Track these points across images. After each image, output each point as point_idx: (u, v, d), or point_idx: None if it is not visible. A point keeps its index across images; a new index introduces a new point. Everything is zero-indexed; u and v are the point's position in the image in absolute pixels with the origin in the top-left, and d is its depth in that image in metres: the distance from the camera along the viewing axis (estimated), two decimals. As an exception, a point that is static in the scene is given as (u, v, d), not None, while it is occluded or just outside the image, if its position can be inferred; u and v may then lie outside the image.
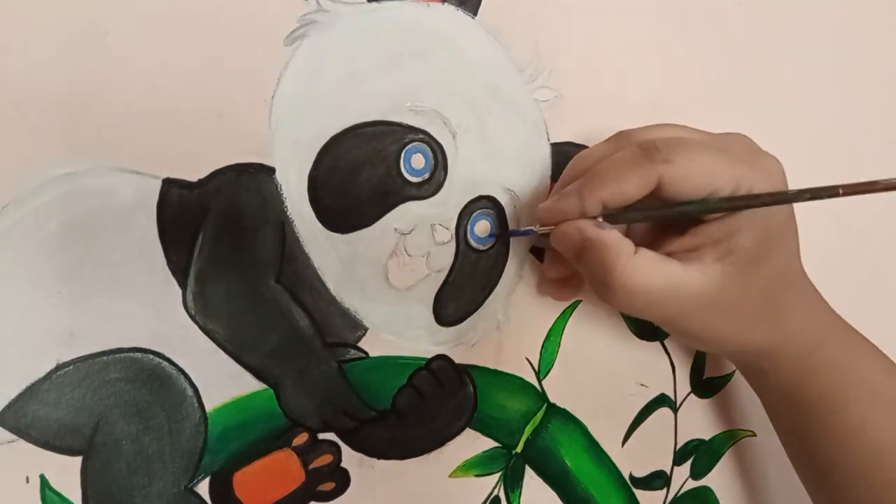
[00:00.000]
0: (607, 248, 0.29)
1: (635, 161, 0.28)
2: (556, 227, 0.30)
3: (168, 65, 0.29)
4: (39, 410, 0.28)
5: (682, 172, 0.28)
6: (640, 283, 0.29)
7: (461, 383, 0.35)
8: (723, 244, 0.29)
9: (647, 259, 0.29)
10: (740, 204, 0.28)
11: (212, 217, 0.30)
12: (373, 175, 0.32)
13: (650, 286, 0.29)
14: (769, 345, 0.33)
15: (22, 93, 0.27)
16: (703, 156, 0.28)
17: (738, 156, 0.29)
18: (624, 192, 0.28)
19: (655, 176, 0.28)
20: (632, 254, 0.29)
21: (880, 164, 0.45)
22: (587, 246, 0.29)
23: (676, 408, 0.40)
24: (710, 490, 0.42)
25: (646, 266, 0.29)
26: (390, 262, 0.33)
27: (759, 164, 0.29)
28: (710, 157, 0.28)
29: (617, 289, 0.29)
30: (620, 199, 0.29)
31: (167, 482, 0.30)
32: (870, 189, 0.25)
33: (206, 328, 0.30)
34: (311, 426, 0.32)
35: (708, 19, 0.39)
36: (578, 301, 0.37)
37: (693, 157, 0.28)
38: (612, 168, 0.29)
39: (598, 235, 0.29)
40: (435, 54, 0.33)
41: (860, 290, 0.45)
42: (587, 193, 0.29)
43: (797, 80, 0.42)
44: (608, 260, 0.29)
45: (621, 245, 0.29)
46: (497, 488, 0.36)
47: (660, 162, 0.28)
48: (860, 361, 0.33)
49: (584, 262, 0.30)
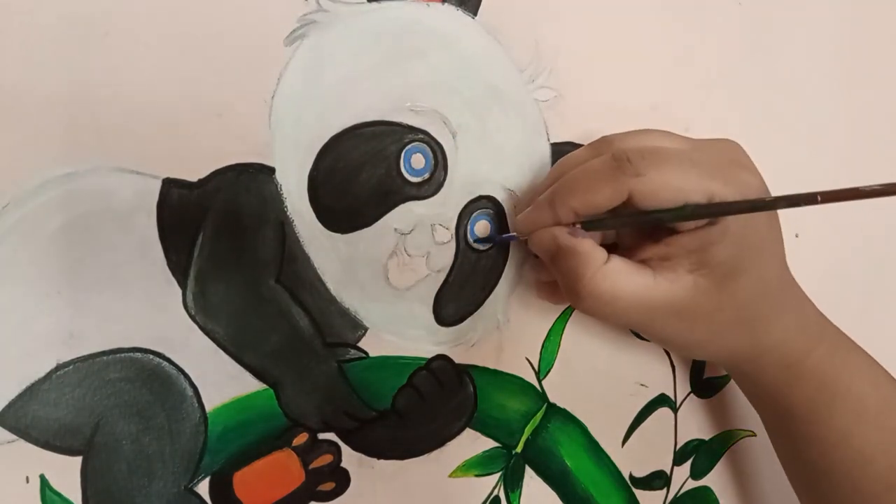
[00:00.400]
0: (578, 256, 0.29)
1: (606, 173, 0.28)
2: (533, 234, 0.31)
3: (168, 65, 0.29)
4: (39, 410, 0.28)
5: (651, 187, 0.28)
6: (607, 290, 0.29)
7: (461, 383, 0.35)
8: (696, 255, 0.29)
9: (616, 267, 0.29)
10: (716, 211, 0.28)
11: (212, 217, 0.30)
12: (373, 175, 0.32)
13: (617, 294, 0.29)
14: (750, 352, 0.33)
15: (22, 93, 0.27)
16: (676, 170, 0.28)
17: (714, 170, 0.28)
18: (594, 202, 0.29)
19: (625, 189, 0.28)
20: (601, 262, 0.29)
21: (880, 165, 0.45)
22: (559, 252, 0.30)
23: (676, 408, 0.40)
24: (710, 490, 0.42)
25: (615, 274, 0.29)
26: (390, 262, 0.33)
27: (735, 179, 0.28)
28: (683, 171, 0.28)
29: (585, 296, 0.29)
30: (591, 208, 0.29)
31: (167, 482, 0.30)
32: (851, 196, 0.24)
33: (206, 328, 0.30)
34: (311, 426, 0.32)
35: (708, 19, 0.39)
36: (578, 301, 0.37)
37: (665, 171, 0.28)
38: (584, 178, 0.29)
39: (569, 243, 0.29)
40: (435, 54, 0.33)
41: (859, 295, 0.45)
42: (559, 202, 0.29)
43: (797, 80, 0.42)
44: (578, 267, 0.29)
45: (592, 253, 0.29)
46: (497, 488, 0.36)
47: (631, 175, 0.28)
48: (848, 372, 0.33)
49: (557, 268, 0.30)
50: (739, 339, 0.32)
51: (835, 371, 0.33)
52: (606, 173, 0.28)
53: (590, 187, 0.29)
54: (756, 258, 0.30)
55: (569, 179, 0.30)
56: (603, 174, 0.29)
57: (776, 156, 0.33)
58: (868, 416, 0.33)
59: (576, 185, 0.29)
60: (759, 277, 0.30)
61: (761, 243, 0.30)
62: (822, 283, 0.34)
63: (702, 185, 0.28)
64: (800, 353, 0.32)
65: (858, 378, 0.33)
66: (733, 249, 0.29)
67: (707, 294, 0.29)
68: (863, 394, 0.33)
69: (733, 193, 0.28)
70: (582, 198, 0.29)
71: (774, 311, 0.31)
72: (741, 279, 0.29)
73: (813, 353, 0.33)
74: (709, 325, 0.30)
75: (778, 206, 0.26)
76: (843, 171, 0.44)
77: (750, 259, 0.29)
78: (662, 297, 0.29)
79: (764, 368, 0.33)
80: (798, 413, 0.33)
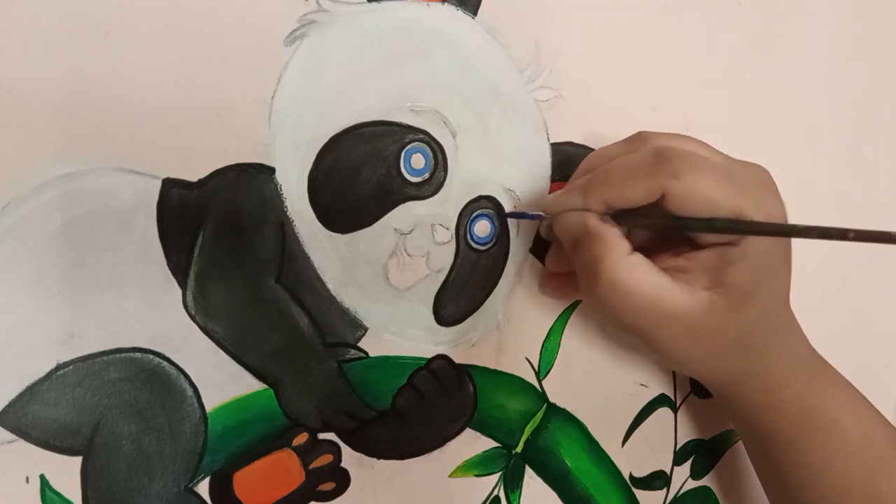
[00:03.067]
0: (604, 241, 0.29)
1: (644, 168, 0.28)
2: (561, 214, 0.30)
3: (168, 65, 0.29)
4: (39, 410, 0.28)
5: (685, 191, 0.28)
6: (625, 281, 0.28)
7: (461, 383, 0.35)
8: (713, 273, 0.29)
9: (639, 262, 0.29)
10: (746, 229, 0.28)
11: (212, 217, 0.30)
12: (373, 175, 0.32)
13: (634, 289, 0.29)
14: (735, 376, 0.33)
15: (22, 93, 0.27)
16: (712, 180, 0.28)
17: (746, 189, 0.28)
18: (627, 196, 0.29)
19: (661, 187, 0.28)
20: (625, 253, 0.29)
21: (880, 165, 0.45)
22: (586, 236, 0.29)
23: (676, 408, 0.40)
24: (710, 490, 0.42)
25: (636, 269, 0.29)
26: (390, 262, 0.33)
27: (764, 204, 0.28)
28: (718, 183, 0.28)
29: (603, 281, 0.29)
30: (623, 202, 0.29)
31: (167, 482, 0.30)
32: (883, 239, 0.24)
33: (206, 328, 0.30)
34: (311, 426, 0.32)
35: (708, 19, 0.39)
36: (578, 301, 0.37)
37: (701, 178, 0.28)
38: (622, 170, 0.29)
39: (598, 228, 0.29)
40: (435, 54, 0.33)
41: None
42: (592, 191, 0.29)
43: (797, 80, 0.42)
44: (603, 253, 0.29)
45: (618, 241, 0.29)
46: (497, 488, 0.36)
47: (669, 175, 0.28)
48: (830, 403, 0.33)
49: (578, 252, 0.30)
50: (733, 362, 0.32)
51: (816, 402, 0.33)
52: (645, 169, 0.28)
53: (626, 180, 0.29)
54: (768, 285, 0.30)
55: (606, 170, 0.30)
56: (641, 169, 0.28)
57: (776, 156, 0.33)
58: (848, 448, 0.33)
59: (612, 176, 0.29)
60: (767, 305, 0.30)
61: (775, 271, 0.30)
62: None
63: (734, 201, 0.28)
64: (782, 382, 0.32)
65: (840, 410, 0.33)
66: (749, 273, 0.29)
67: (718, 313, 0.29)
68: (844, 425, 0.33)
69: (761, 216, 0.28)
70: (617, 189, 0.29)
71: (771, 340, 0.31)
72: (751, 304, 0.29)
73: (795, 383, 0.32)
74: (711, 343, 0.30)
75: (809, 234, 0.26)
76: (844, 171, 0.44)
77: (763, 286, 0.29)
78: (677, 306, 0.29)
79: (745, 393, 0.33)
80: (777, 439, 0.34)
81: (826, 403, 0.33)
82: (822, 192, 0.43)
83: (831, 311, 0.43)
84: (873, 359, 0.46)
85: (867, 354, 0.45)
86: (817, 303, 0.39)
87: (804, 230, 0.27)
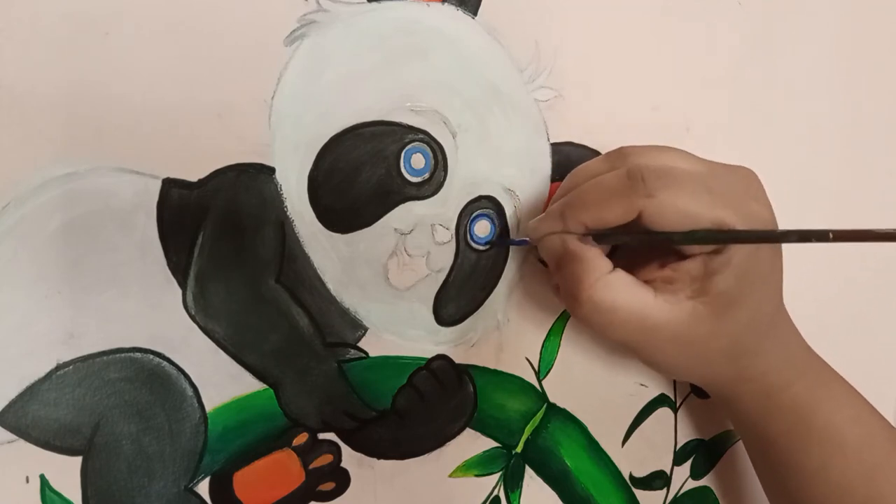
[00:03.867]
0: (582, 262, 0.29)
1: (619, 190, 0.28)
2: (544, 237, 0.31)
3: (168, 65, 0.29)
4: (39, 410, 0.28)
5: (661, 208, 0.28)
6: (606, 300, 0.29)
7: (461, 383, 0.35)
8: (698, 283, 0.29)
9: (619, 279, 0.29)
10: (725, 238, 0.28)
11: (212, 217, 0.30)
12: (373, 175, 0.32)
13: (616, 305, 0.29)
14: (732, 380, 0.33)
15: (22, 92, 0.27)
16: (688, 195, 0.28)
17: (727, 198, 0.28)
18: (604, 218, 0.29)
19: (636, 208, 0.28)
20: (605, 271, 0.29)
21: (880, 165, 0.45)
22: (566, 258, 0.30)
23: (676, 408, 0.40)
24: (710, 490, 0.42)
25: (616, 285, 0.29)
26: (390, 262, 0.33)
27: (746, 210, 0.28)
28: (695, 197, 0.28)
29: (583, 301, 0.29)
30: (601, 223, 0.29)
31: (167, 482, 0.30)
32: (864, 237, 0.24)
33: (206, 328, 0.30)
34: (311, 426, 0.32)
35: (708, 19, 0.39)
36: (578, 301, 0.37)
37: (678, 193, 0.28)
38: (596, 193, 0.29)
39: (577, 248, 0.29)
40: (435, 54, 0.33)
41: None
42: (569, 214, 0.30)
43: (797, 80, 0.42)
44: (581, 272, 0.29)
45: (597, 261, 0.29)
46: (497, 488, 0.36)
47: (643, 195, 0.28)
48: (829, 405, 0.33)
49: (561, 273, 0.30)
50: (726, 368, 0.32)
51: (814, 404, 0.33)
52: (619, 190, 0.28)
53: (601, 203, 0.29)
54: (755, 291, 0.30)
55: (581, 192, 0.30)
56: (615, 191, 0.28)
57: (776, 156, 0.33)
58: (847, 450, 0.33)
59: (587, 199, 0.29)
60: (756, 310, 0.30)
61: (763, 277, 0.30)
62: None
63: (712, 213, 0.28)
64: (780, 385, 0.33)
65: (839, 412, 0.33)
66: (735, 280, 0.29)
67: (704, 321, 0.29)
68: (842, 428, 0.33)
69: (743, 224, 0.28)
70: (593, 212, 0.29)
71: (764, 343, 0.31)
72: (738, 310, 0.29)
73: (793, 386, 0.33)
74: (700, 351, 0.30)
75: (788, 239, 0.26)
76: (844, 171, 0.44)
77: (750, 292, 0.29)
78: (660, 318, 0.29)
79: (741, 396, 0.33)
80: (776, 441, 0.34)
81: (824, 405, 0.33)
82: (822, 192, 0.43)
83: (831, 313, 0.43)
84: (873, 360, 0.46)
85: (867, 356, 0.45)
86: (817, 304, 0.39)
87: (783, 235, 0.26)
